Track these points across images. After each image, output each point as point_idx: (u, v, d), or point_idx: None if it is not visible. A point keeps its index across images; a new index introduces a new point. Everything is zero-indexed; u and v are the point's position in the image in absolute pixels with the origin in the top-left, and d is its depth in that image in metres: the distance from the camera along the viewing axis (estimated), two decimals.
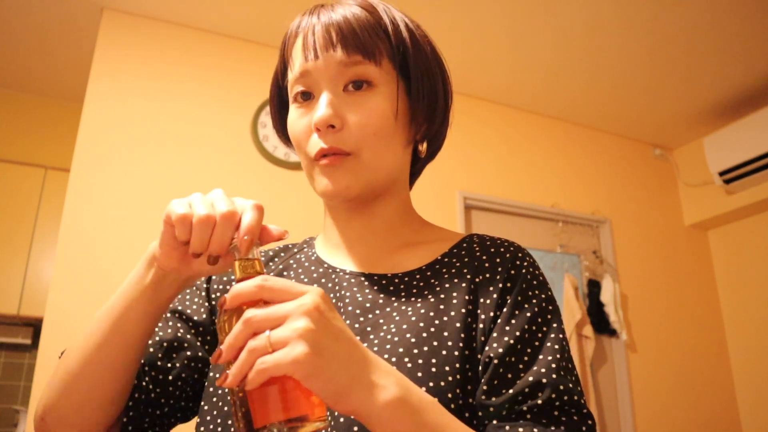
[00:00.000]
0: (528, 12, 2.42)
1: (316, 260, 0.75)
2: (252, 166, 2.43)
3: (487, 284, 0.65)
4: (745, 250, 3.28)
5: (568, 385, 0.59)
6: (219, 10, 2.40)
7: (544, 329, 0.62)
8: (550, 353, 0.60)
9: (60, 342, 1.95)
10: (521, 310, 0.63)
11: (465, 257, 0.69)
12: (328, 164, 0.65)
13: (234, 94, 2.48)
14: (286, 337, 0.43)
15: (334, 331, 0.46)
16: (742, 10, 2.38)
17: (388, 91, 0.67)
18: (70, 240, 2.08)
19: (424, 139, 0.73)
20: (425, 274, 0.69)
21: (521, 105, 3.13)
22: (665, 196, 3.43)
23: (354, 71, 0.65)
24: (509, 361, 0.60)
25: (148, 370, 0.68)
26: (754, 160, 2.89)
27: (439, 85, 0.72)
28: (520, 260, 0.67)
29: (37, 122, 3.04)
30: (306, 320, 0.44)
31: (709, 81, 2.87)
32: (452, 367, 0.59)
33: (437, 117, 0.72)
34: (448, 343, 0.61)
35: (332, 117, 0.64)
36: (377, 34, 0.67)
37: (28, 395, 2.73)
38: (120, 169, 2.22)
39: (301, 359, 0.42)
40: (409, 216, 0.75)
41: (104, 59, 2.32)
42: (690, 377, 3.11)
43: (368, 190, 0.68)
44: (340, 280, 0.70)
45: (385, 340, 0.61)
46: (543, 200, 3.03)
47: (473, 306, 0.64)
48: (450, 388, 0.58)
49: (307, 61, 0.66)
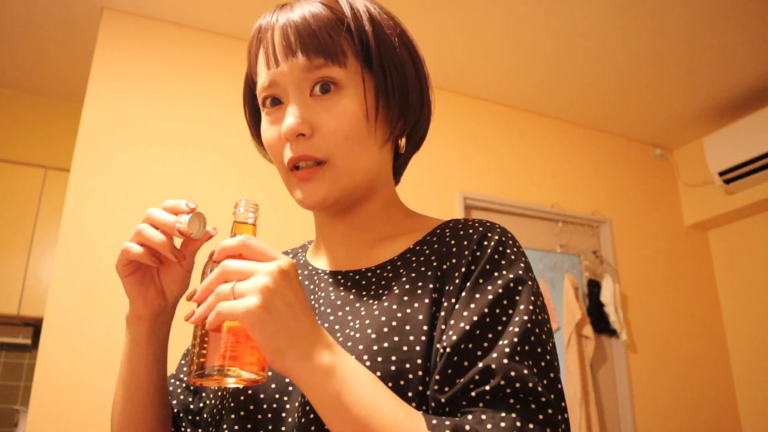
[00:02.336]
0: (528, 12, 2.42)
1: (303, 263, 0.76)
2: (252, 166, 2.42)
3: (453, 270, 0.61)
4: (745, 250, 3.28)
5: (522, 371, 0.53)
6: (219, 10, 2.40)
7: (509, 312, 0.57)
8: (509, 337, 0.55)
9: (60, 342, 1.95)
10: (482, 292, 0.58)
11: (435, 244, 0.66)
12: (302, 177, 0.64)
13: (234, 94, 2.46)
14: (246, 288, 0.48)
15: (288, 296, 0.49)
16: (742, 10, 2.38)
17: (357, 91, 0.64)
18: (70, 240, 2.08)
19: (402, 134, 0.70)
20: (396, 264, 0.67)
21: (521, 105, 3.13)
22: (665, 196, 3.43)
23: (318, 74, 0.63)
24: (464, 349, 0.55)
25: (183, 416, 0.73)
26: (754, 160, 2.89)
27: (411, 77, 0.68)
28: (487, 240, 0.62)
29: (37, 122, 3.04)
30: (267, 279, 0.48)
31: (709, 81, 2.87)
32: (413, 364, 0.56)
33: (412, 110, 0.69)
34: (409, 337, 0.58)
35: (300, 125, 0.62)
36: (338, 32, 0.63)
37: (28, 395, 2.73)
38: (120, 169, 2.22)
39: (251, 310, 0.47)
40: (392, 210, 0.73)
41: (104, 59, 2.32)
42: (690, 377, 3.11)
43: (346, 195, 0.66)
44: (319, 281, 0.71)
45: (348, 337, 0.61)
46: (543, 200, 3.03)
47: (438, 294, 0.61)
48: (410, 387, 0.56)
49: (269, 69, 0.64)
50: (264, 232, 2.55)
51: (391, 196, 0.73)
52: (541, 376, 0.55)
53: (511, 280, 0.59)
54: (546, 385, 0.54)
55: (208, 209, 2.70)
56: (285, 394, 0.61)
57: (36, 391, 1.90)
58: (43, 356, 1.93)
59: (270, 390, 0.62)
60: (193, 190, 2.29)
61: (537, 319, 0.58)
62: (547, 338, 0.58)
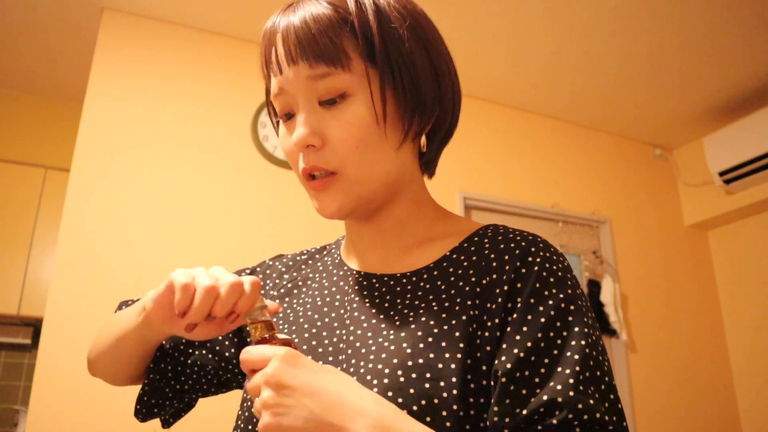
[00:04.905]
0: (528, 12, 2.42)
1: (339, 263, 0.74)
2: (252, 166, 2.42)
3: (493, 286, 0.59)
4: (745, 250, 3.28)
5: (588, 402, 0.51)
6: (219, 10, 2.40)
7: (563, 334, 0.55)
8: (569, 365, 0.53)
9: (60, 342, 1.95)
10: (534, 314, 0.56)
11: (473, 255, 0.63)
12: (316, 188, 0.63)
13: (234, 94, 2.48)
14: (258, 409, 0.51)
15: (293, 392, 0.50)
16: (742, 10, 2.38)
17: (365, 96, 0.61)
18: (70, 240, 2.07)
19: (421, 130, 0.66)
20: (432, 273, 0.64)
21: (521, 105, 3.13)
22: (665, 196, 3.43)
23: (323, 86, 0.60)
24: (521, 377, 0.53)
25: (170, 350, 0.78)
26: (754, 160, 2.89)
27: (424, 70, 0.64)
28: (532, 255, 0.59)
29: (37, 122, 3.04)
30: (267, 391, 0.50)
31: (709, 81, 2.87)
32: (448, 382, 0.55)
33: (428, 105, 0.64)
34: (445, 355, 0.56)
35: (308, 137, 0.60)
36: (340, 33, 0.60)
37: (28, 395, 2.73)
38: (120, 169, 2.22)
39: (268, 428, 0.49)
40: (423, 211, 0.70)
41: (104, 59, 2.32)
42: (690, 377, 3.11)
43: (363, 203, 0.64)
44: (353, 282, 0.69)
45: (382, 348, 0.59)
46: (543, 200, 3.03)
47: (478, 311, 0.58)
48: (445, 405, 0.54)
49: (275, 76, 0.63)
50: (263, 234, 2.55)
51: (418, 195, 0.70)
52: (604, 400, 0.53)
53: (562, 300, 0.57)
54: (609, 409, 0.53)
55: (208, 209, 2.68)
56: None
57: (36, 391, 1.90)
58: (43, 356, 1.93)
59: None
60: (192, 190, 2.29)
61: (593, 341, 0.56)
62: (604, 357, 0.57)
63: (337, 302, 0.69)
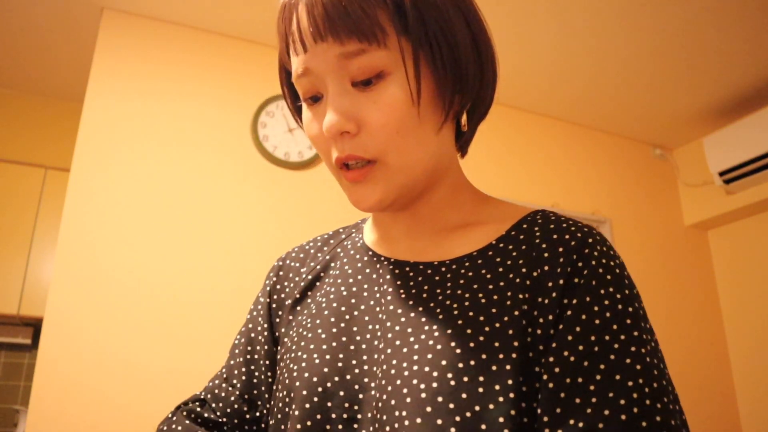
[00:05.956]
0: (528, 12, 2.42)
1: (362, 247, 0.68)
2: (252, 166, 2.42)
3: (546, 279, 0.54)
4: (745, 250, 3.28)
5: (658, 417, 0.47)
6: (219, 10, 2.40)
7: (621, 338, 0.50)
8: (631, 375, 0.48)
9: (60, 342, 1.95)
10: (589, 315, 0.51)
11: (522, 244, 0.58)
12: (353, 179, 0.57)
13: (234, 94, 2.48)
14: None
15: None
16: (743, 10, 2.38)
17: (403, 74, 0.55)
18: (70, 240, 2.07)
19: (462, 109, 0.61)
20: (476, 262, 0.58)
21: (521, 105, 3.13)
22: (665, 196, 3.43)
23: (357, 65, 0.53)
24: (573, 384, 0.48)
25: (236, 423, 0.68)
26: (754, 160, 2.89)
27: (464, 41, 0.57)
28: (589, 248, 0.54)
29: (37, 122, 3.04)
30: None
31: (709, 81, 2.87)
32: (503, 385, 0.49)
33: (471, 81, 0.58)
34: (499, 356, 0.51)
35: (343, 123, 0.54)
36: (373, 3, 0.53)
37: (28, 395, 2.73)
38: (120, 169, 2.22)
39: None
40: (461, 196, 0.64)
41: (104, 59, 2.32)
42: (690, 377, 3.11)
43: (405, 193, 0.59)
44: (384, 271, 0.63)
45: (426, 347, 0.53)
46: (543, 200, 3.03)
47: (530, 306, 0.53)
48: (501, 412, 0.48)
49: (298, 55, 0.56)
50: (263, 234, 2.56)
51: (456, 179, 0.64)
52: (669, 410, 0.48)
53: (620, 300, 0.52)
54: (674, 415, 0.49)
55: (208, 209, 2.69)
56: (355, 402, 0.55)
57: (36, 391, 1.90)
58: (43, 356, 1.93)
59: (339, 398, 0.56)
60: (192, 190, 2.29)
61: (653, 347, 0.51)
62: (662, 361, 0.52)
63: (366, 293, 0.63)
